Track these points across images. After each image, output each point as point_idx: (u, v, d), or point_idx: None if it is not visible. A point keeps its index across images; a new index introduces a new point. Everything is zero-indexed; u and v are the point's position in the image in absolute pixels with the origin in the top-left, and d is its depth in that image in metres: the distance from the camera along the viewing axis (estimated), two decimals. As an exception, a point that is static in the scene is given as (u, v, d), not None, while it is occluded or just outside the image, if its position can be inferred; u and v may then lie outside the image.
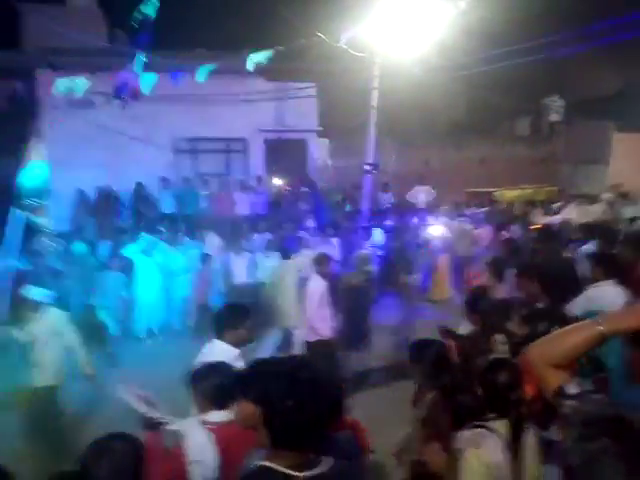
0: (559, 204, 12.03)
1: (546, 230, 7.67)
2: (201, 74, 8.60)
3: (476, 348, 3.67)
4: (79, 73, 8.73)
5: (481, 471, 2.10)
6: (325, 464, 1.61)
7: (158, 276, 8.71)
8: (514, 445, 2.27)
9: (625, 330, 1.43)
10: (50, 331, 4.75)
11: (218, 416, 2.58)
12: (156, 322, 8.70)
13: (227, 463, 2.38)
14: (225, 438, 2.45)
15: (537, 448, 2.43)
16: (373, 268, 7.68)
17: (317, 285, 5.98)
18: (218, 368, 2.76)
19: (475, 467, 2.09)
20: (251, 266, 8.68)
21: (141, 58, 8.25)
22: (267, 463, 1.58)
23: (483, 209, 12.27)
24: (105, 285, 7.97)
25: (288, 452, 1.58)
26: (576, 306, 4.41)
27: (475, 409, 2.46)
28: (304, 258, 7.42)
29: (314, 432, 1.62)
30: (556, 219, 10.30)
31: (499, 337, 3.60)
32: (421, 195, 13.80)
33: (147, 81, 8.12)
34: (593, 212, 10.60)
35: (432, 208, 11.75)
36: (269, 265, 8.19)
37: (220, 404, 2.61)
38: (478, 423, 2.36)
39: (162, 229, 9.68)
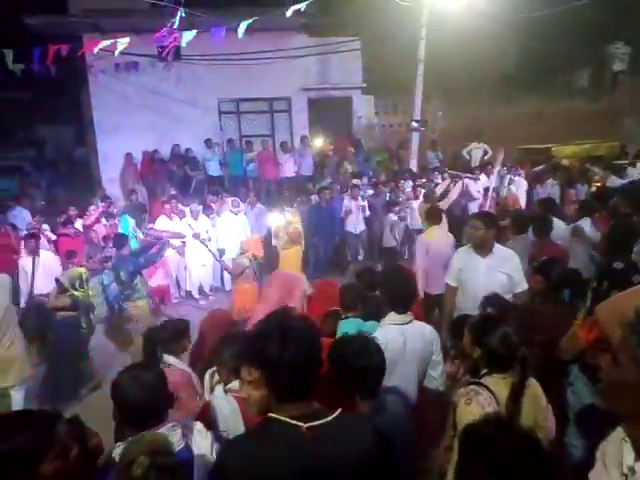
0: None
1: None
2: (242, 30, 8.49)
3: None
4: (124, 35, 8.78)
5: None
6: (330, 415, 1.67)
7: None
8: (515, 400, 2.38)
9: None
10: None
11: None
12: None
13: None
14: None
15: (542, 403, 2.53)
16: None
17: None
18: (236, 337, 2.70)
19: (464, 420, 2.28)
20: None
21: (182, 16, 8.21)
22: (274, 415, 1.66)
23: (540, 167, 11.70)
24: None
25: (292, 404, 1.66)
26: None
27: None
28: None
29: (311, 383, 1.69)
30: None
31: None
32: (477, 152, 13.31)
33: (188, 39, 8.08)
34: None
35: (485, 167, 11.10)
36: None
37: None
38: (472, 380, 2.51)
39: (215, 192, 9.65)
